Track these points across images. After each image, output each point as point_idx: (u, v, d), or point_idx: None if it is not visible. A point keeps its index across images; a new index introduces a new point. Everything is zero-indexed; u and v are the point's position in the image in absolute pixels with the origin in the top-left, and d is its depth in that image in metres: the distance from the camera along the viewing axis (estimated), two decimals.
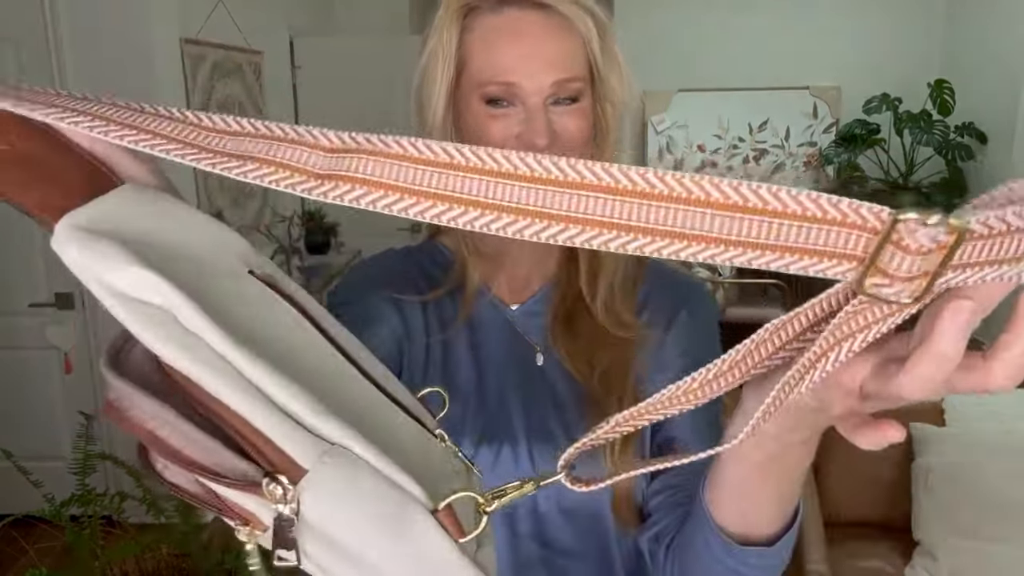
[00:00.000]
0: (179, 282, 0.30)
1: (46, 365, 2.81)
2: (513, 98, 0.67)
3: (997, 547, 1.82)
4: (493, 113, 0.68)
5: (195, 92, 3.01)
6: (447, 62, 0.69)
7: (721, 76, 5.90)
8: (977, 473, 1.92)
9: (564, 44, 0.67)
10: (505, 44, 0.67)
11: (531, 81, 0.66)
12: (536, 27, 0.67)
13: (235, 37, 3.33)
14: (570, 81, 0.67)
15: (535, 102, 0.67)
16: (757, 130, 6.06)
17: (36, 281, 2.76)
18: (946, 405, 2.10)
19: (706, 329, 0.77)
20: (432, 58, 0.70)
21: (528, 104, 0.67)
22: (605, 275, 0.74)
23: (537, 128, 0.66)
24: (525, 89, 0.66)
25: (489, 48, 0.67)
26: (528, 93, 0.66)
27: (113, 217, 0.31)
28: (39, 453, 2.44)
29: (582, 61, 0.69)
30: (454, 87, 0.70)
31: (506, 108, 0.68)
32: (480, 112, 0.68)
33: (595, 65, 0.70)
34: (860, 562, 1.97)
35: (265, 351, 0.31)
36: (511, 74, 0.66)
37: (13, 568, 2.25)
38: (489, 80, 0.67)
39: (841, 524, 2.11)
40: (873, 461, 2.10)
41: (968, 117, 5.30)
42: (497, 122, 0.68)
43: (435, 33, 0.69)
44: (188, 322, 0.30)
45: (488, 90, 0.67)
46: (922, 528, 1.94)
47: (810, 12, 5.84)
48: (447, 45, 0.69)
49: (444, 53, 0.69)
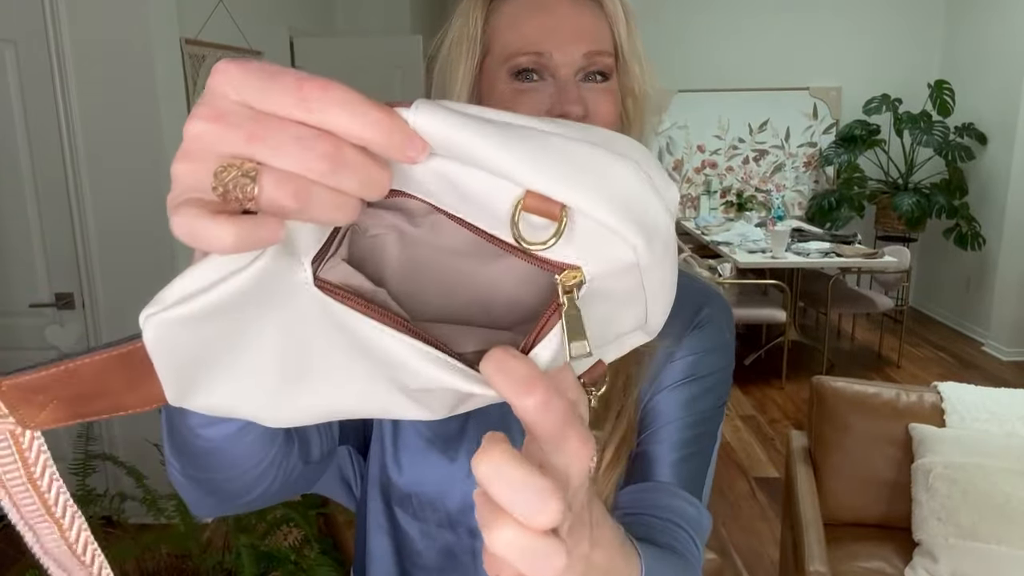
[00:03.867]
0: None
1: None
2: (543, 70, 0.65)
3: (997, 547, 1.82)
4: (522, 88, 0.65)
5: (195, 92, 3.01)
6: (472, 45, 0.67)
7: (721, 77, 5.90)
8: (977, 473, 1.91)
9: (594, 19, 0.66)
10: (534, 17, 0.65)
11: (563, 52, 0.64)
12: (565, 4, 0.66)
13: (235, 37, 3.33)
14: (600, 54, 0.65)
15: (566, 73, 0.65)
16: (757, 131, 6.06)
17: (36, 281, 2.76)
18: (946, 406, 2.10)
19: (718, 337, 0.73)
20: (456, 43, 0.68)
21: (559, 76, 0.65)
22: None
23: (570, 96, 0.64)
24: (556, 60, 0.64)
25: (518, 24, 0.66)
26: (559, 64, 0.64)
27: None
28: None
29: (609, 40, 0.67)
30: (478, 72, 0.68)
31: (536, 83, 0.65)
32: (507, 90, 0.66)
33: (620, 49, 0.68)
34: (860, 562, 1.97)
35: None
36: (541, 44, 0.64)
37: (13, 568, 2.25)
38: (518, 51, 0.65)
39: (841, 524, 2.11)
40: (873, 461, 2.10)
41: (968, 118, 5.30)
42: (526, 97, 0.65)
43: (459, 17, 0.68)
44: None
45: (518, 61, 0.65)
46: (922, 529, 1.93)
47: (810, 13, 5.83)
48: (473, 27, 0.67)
49: (469, 36, 0.67)
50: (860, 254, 4.44)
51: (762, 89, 5.93)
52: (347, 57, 4.14)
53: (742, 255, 4.46)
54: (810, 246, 4.51)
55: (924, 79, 5.53)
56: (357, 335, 0.32)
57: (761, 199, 5.99)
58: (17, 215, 2.71)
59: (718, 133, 6.08)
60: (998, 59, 5.12)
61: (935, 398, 2.14)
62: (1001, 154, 5.03)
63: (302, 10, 4.21)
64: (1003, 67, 5.05)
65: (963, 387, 2.17)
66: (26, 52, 2.59)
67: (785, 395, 4.32)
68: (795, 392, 4.33)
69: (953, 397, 2.12)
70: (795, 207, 6.08)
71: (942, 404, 2.11)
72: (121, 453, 2.42)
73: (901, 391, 2.17)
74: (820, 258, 4.40)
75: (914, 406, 2.13)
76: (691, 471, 0.67)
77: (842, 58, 5.88)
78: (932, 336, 5.44)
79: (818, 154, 6.01)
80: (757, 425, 3.92)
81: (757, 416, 4.04)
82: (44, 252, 2.75)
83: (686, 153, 6.12)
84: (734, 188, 6.10)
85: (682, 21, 5.73)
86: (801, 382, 4.37)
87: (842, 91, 5.91)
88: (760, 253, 4.49)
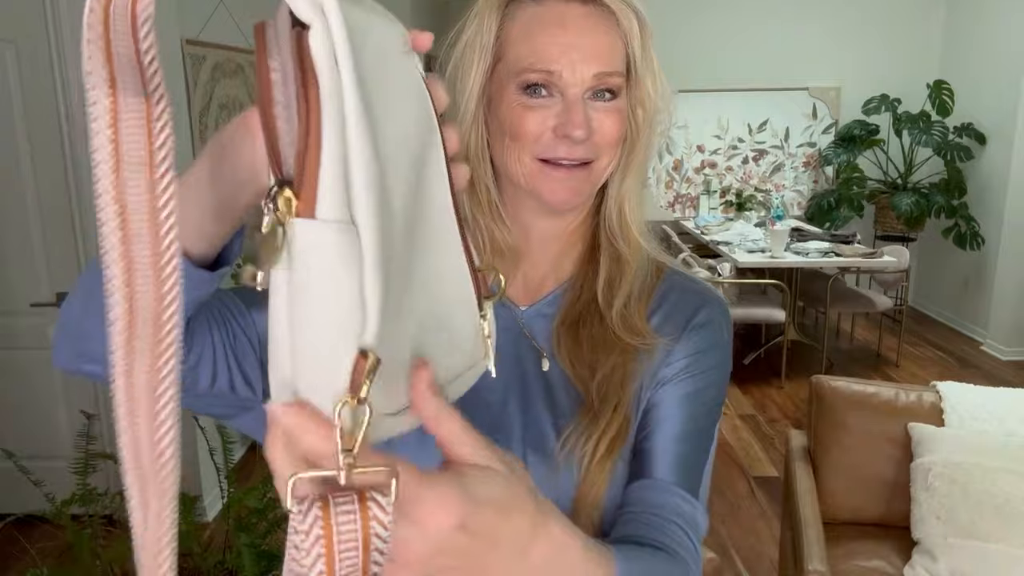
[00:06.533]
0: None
1: (46, 365, 2.81)
2: (552, 88, 0.66)
3: (996, 547, 1.82)
4: (530, 104, 0.66)
5: (196, 93, 3.02)
6: (484, 51, 0.68)
7: (721, 77, 5.90)
8: (976, 473, 1.92)
9: (607, 37, 0.66)
10: (548, 33, 0.65)
11: (572, 72, 0.65)
12: (580, 18, 0.66)
13: (236, 37, 3.33)
14: (611, 75, 0.66)
15: (574, 93, 0.65)
16: (756, 131, 6.06)
17: (36, 281, 2.76)
18: (945, 405, 2.11)
19: (716, 337, 0.73)
20: (469, 47, 0.68)
21: (567, 95, 0.66)
22: (625, 282, 0.72)
23: (576, 120, 0.65)
24: (566, 80, 0.65)
25: (531, 36, 0.66)
26: (568, 84, 0.65)
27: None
28: (40, 453, 2.44)
29: (622, 57, 0.68)
30: (489, 77, 0.69)
31: (544, 99, 0.66)
32: (516, 102, 0.67)
33: (633, 65, 0.69)
34: (859, 561, 1.97)
35: (382, 128, 0.34)
36: (553, 63, 0.65)
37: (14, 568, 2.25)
38: (529, 67, 0.65)
39: (840, 523, 2.11)
40: (872, 461, 2.10)
41: (967, 118, 5.31)
42: (534, 113, 0.66)
43: (473, 20, 0.68)
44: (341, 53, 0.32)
45: (528, 77, 0.66)
46: (921, 528, 1.94)
47: (810, 13, 5.84)
48: (487, 33, 0.67)
49: (483, 41, 0.68)
50: (859, 254, 4.44)
51: (762, 89, 5.93)
52: None
53: (741, 255, 4.46)
54: (809, 246, 4.51)
55: (923, 79, 5.53)
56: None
57: (760, 199, 5.99)
58: (17, 215, 2.71)
59: (718, 133, 6.08)
60: (997, 59, 5.12)
61: (934, 397, 2.14)
62: (1000, 154, 5.03)
63: None
64: (1002, 67, 5.05)
65: (962, 386, 2.17)
66: (26, 52, 2.59)
67: (784, 394, 4.32)
68: (794, 391, 4.33)
69: (952, 396, 2.12)
70: (794, 207, 6.08)
71: (941, 403, 2.12)
72: None
73: (900, 390, 2.17)
74: (819, 258, 4.41)
75: (913, 405, 2.13)
76: (688, 468, 0.68)
77: (841, 58, 5.88)
78: (931, 336, 5.45)
79: (817, 154, 6.01)
80: (756, 424, 3.92)
81: (756, 415, 4.04)
82: (44, 252, 2.75)
83: (686, 153, 6.12)
84: (733, 188, 6.10)
85: (682, 21, 5.73)
86: (800, 382, 4.37)
87: (841, 91, 5.92)
88: (759, 253, 4.50)
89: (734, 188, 6.10)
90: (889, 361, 4.88)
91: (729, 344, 0.74)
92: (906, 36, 5.84)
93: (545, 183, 0.68)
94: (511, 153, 0.68)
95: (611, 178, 0.73)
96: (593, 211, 0.76)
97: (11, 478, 2.02)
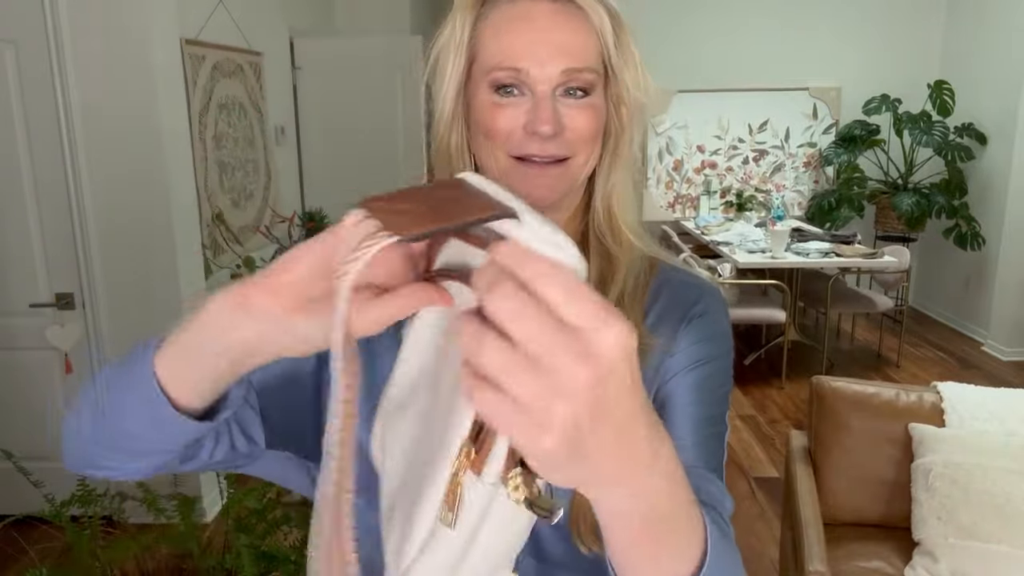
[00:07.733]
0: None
1: (46, 365, 2.81)
2: (522, 86, 0.66)
3: (997, 547, 1.82)
4: (501, 102, 0.66)
5: (195, 93, 3.01)
6: (459, 52, 0.68)
7: (721, 77, 5.90)
8: (977, 473, 1.91)
9: (577, 34, 0.66)
10: (515, 30, 0.65)
11: (541, 68, 0.65)
12: (548, 15, 0.65)
13: (235, 38, 3.34)
14: (581, 71, 0.66)
15: (543, 90, 0.65)
16: (757, 131, 6.06)
17: (36, 281, 2.76)
18: (946, 405, 2.10)
19: (716, 326, 0.73)
20: (445, 47, 0.69)
21: (536, 92, 0.65)
22: (617, 281, 0.71)
23: (543, 116, 0.64)
24: (533, 76, 0.65)
25: (499, 35, 0.66)
26: (536, 80, 0.65)
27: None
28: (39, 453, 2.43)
29: (595, 54, 0.67)
30: (464, 78, 0.69)
31: (515, 97, 0.66)
32: (487, 101, 0.67)
33: (609, 61, 0.68)
34: (860, 562, 1.97)
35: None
36: (520, 60, 0.65)
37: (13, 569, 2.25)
38: (497, 66, 0.65)
39: (841, 524, 2.11)
40: (873, 461, 2.10)
41: (967, 118, 5.30)
42: (504, 111, 0.66)
43: (449, 23, 0.69)
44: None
45: (496, 76, 0.66)
46: (922, 528, 1.93)
47: (810, 13, 5.83)
48: (460, 34, 0.68)
49: (456, 42, 0.68)
50: (860, 254, 4.44)
51: (762, 89, 5.93)
52: (347, 57, 4.14)
53: (742, 255, 4.46)
54: (810, 246, 4.51)
55: (924, 79, 5.53)
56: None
57: (761, 199, 5.98)
58: (17, 215, 2.71)
59: (718, 133, 6.08)
60: (998, 59, 5.12)
61: (935, 398, 2.14)
62: (1000, 154, 5.03)
63: (302, 10, 4.21)
64: (1003, 67, 5.05)
65: (963, 387, 2.17)
66: (26, 52, 2.59)
67: (785, 395, 4.32)
68: (795, 392, 4.33)
69: (953, 397, 2.12)
70: (795, 207, 6.08)
71: (942, 404, 2.11)
72: None
73: (901, 391, 2.17)
74: (820, 258, 4.41)
75: (914, 406, 2.13)
76: (711, 452, 0.68)
77: (842, 58, 5.88)
78: (932, 336, 5.44)
79: (818, 154, 6.01)
80: (757, 425, 3.92)
81: (757, 416, 4.04)
82: (44, 252, 2.75)
83: (686, 153, 6.12)
84: (734, 188, 6.09)
85: (682, 21, 5.73)
86: (801, 382, 4.37)
87: (842, 91, 5.91)
88: (760, 253, 4.49)
89: (734, 188, 6.09)
90: (890, 361, 4.88)
91: (729, 332, 0.74)
92: (907, 36, 5.84)
93: (521, 181, 0.67)
94: (487, 152, 0.68)
95: (597, 176, 0.72)
96: (583, 210, 0.75)
97: (10, 479, 2.02)
